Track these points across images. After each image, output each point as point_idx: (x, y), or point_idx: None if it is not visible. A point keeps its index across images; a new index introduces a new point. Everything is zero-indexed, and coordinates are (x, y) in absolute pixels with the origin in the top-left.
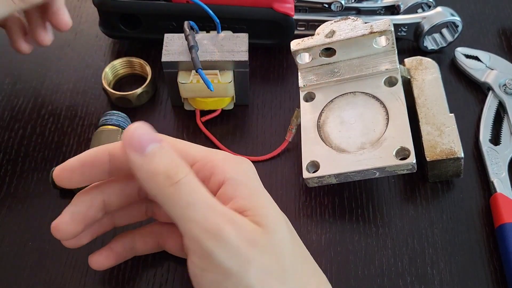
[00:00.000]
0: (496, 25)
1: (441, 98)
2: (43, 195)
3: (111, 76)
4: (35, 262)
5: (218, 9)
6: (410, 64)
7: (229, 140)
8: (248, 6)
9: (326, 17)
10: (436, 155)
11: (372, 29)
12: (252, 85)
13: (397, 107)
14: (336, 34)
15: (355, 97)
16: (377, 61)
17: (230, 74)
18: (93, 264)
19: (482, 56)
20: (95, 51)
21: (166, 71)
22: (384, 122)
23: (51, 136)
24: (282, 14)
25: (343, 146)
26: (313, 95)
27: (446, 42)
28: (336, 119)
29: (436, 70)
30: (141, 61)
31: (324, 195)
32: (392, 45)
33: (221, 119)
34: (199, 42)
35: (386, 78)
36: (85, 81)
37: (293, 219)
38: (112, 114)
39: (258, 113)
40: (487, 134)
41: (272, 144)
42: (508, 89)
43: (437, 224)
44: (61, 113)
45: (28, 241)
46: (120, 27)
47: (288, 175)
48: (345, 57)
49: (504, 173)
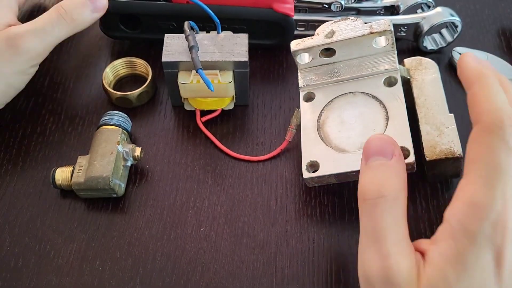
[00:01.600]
0: (496, 25)
1: (440, 98)
2: (43, 195)
3: (111, 76)
4: (35, 262)
5: (218, 9)
6: (410, 64)
7: (229, 140)
8: (248, 6)
9: (326, 18)
10: (435, 155)
11: (372, 29)
12: (252, 85)
13: (397, 107)
14: (336, 34)
15: (355, 97)
16: (377, 61)
17: (230, 74)
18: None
19: (480, 56)
20: (95, 51)
21: (166, 71)
22: (384, 122)
23: (52, 136)
24: (282, 15)
25: (343, 146)
26: (313, 95)
27: (445, 42)
28: (336, 119)
29: (435, 70)
30: (141, 61)
31: (324, 195)
32: (391, 45)
33: (221, 119)
34: (199, 42)
35: (386, 78)
36: (86, 81)
37: (293, 219)
38: (112, 114)
39: (258, 113)
40: None
41: (272, 144)
42: None
43: (436, 224)
44: (62, 112)
45: (28, 241)
46: (120, 27)
47: (288, 175)
48: (345, 57)
49: None
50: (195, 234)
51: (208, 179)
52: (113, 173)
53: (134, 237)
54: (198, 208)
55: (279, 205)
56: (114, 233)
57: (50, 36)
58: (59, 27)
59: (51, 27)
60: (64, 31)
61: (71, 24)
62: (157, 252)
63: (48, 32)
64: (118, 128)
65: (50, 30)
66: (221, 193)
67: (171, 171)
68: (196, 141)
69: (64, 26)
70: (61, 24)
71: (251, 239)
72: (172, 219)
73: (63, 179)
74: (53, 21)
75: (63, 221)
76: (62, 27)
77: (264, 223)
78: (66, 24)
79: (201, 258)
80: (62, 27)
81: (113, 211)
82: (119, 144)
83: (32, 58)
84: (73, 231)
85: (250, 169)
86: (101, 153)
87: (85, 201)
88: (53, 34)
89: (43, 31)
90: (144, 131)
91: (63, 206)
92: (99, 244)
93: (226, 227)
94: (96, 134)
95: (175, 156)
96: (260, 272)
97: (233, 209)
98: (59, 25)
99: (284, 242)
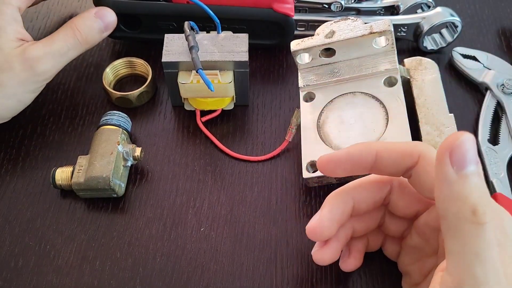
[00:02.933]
0: (496, 25)
1: (440, 98)
2: (43, 195)
3: (111, 76)
4: (35, 262)
5: (218, 9)
6: (410, 64)
7: (229, 140)
8: (248, 6)
9: (326, 18)
10: None
11: (372, 29)
12: (252, 85)
13: (397, 107)
14: (336, 34)
15: (355, 97)
16: (377, 61)
17: (230, 74)
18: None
19: (480, 56)
20: (95, 51)
21: (167, 71)
22: (384, 122)
23: (52, 136)
24: (282, 15)
25: (343, 146)
26: (313, 95)
27: (445, 42)
28: (336, 119)
29: (435, 70)
30: (141, 61)
31: (324, 195)
32: (391, 45)
33: (221, 119)
34: (199, 43)
35: (386, 78)
36: (86, 81)
37: (293, 219)
38: (113, 114)
39: (258, 113)
40: (485, 134)
41: (272, 144)
42: (506, 89)
43: None
44: (62, 112)
45: (28, 241)
46: (120, 27)
47: (288, 175)
48: (345, 57)
49: (503, 173)
50: (195, 234)
51: (208, 179)
52: (113, 173)
53: (134, 237)
54: (198, 208)
55: (279, 205)
56: (114, 233)
57: (65, 58)
58: (74, 50)
59: (67, 49)
60: (77, 52)
61: (84, 46)
62: (157, 252)
63: (64, 55)
64: (118, 128)
65: (65, 52)
66: (221, 193)
67: (171, 171)
68: (196, 141)
69: (78, 48)
70: (76, 47)
71: (251, 239)
72: (172, 219)
73: (63, 179)
74: (69, 44)
75: (63, 221)
76: (76, 49)
77: (264, 223)
78: (80, 46)
79: (201, 258)
80: (76, 49)
81: (113, 211)
82: (119, 144)
83: (46, 79)
84: (73, 231)
85: (250, 169)
86: (101, 153)
87: (85, 201)
88: (68, 56)
89: (59, 54)
90: (144, 131)
91: (63, 206)
92: (99, 244)
93: (226, 227)
94: (96, 134)
95: (175, 156)
96: (260, 272)
97: (233, 209)
98: (74, 48)
99: (284, 242)
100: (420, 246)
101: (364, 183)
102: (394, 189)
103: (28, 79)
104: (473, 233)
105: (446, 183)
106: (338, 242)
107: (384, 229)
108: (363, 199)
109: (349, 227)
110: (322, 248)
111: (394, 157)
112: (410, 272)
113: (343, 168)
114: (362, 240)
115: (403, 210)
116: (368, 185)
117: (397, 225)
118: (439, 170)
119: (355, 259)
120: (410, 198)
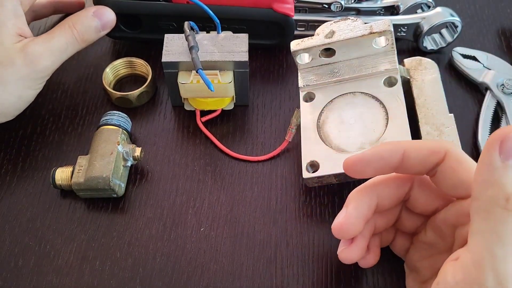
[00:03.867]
0: (496, 25)
1: (440, 98)
2: (43, 195)
3: (111, 76)
4: (35, 262)
5: (218, 9)
6: (410, 64)
7: (229, 140)
8: (248, 6)
9: (326, 18)
10: None
11: (372, 29)
12: (252, 85)
13: (397, 107)
14: (335, 34)
15: (355, 97)
16: (377, 61)
17: (230, 74)
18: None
19: (480, 56)
20: (95, 51)
21: (166, 71)
22: (384, 122)
23: (52, 136)
24: (282, 15)
25: (343, 146)
26: (313, 95)
27: (445, 42)
28: (336, 119)
29: (435, 70)
30: (141, 61)
31: (324, 195)
32: (391, 45)
33: (221, 119)
34: (199, 43)
35: (386, 78)
36: (86, 81)
37: (293, 219)
38: (112, 114)
39: (258, 113)
40: (485, 134)
41: (272, 144)
42: (506, 89)
43: None
44: (62, 112)
45: (28, 241)
46: (120, 27)
47: (288, 175)
48: (344, 57)
49: None
50: (195, 234)
51: (208, 179)
52: (113, 173)
53: (134, 237)
54: (198, 208)
55: (279, 205)
56: (114, 233)
57: (65, 54)
58: (72, 47)
59: (65, 46)
60: (75, 50)
61: (82, 44)
62: (157, 252)
63: (63, 52)
64: (118, 128)
65: (64, 49)
66: (221, 193)
67: (171, 171)
68: (196, 141)
69: (76, 46)
70: (74, 44)
71: (251, 239)
72: (172, 219)
73: (63, 179)
74: (68, 41)
75: (63, 221)
76: (74, 46)
77: (264, 223)
78: (78, 44)
79: (201, 258)
80: (74, 47)
81: (113, 211)
82: (119, 144)
83: (46, 75)
84: (73, 231)
85: (250, 169)
86: (101, 153)
87: (85, 201)
88: (66, 53)
89: (59, 51)
90: (144, 131)
91: (63, 206)
92: (99, 244)
93: (226, 227)
94: (96, 134)
95: (175, 156)
96: (260, 272)
97: (233, 209)
98: (72, 45)
99: (284, 242)
100: (434, 242)
101: (387, 179)
102: (415, 186)
103: (29, 75)
104: (501, 218)
105: (489, 167)
106: (364, 239)
107: (399, 225)
108: (386, 196)
109: (372, 224)
110: (349, 247)
111: (422, 155)
112: (419, 269)
113: (372, 168)
114: (378, 235)
115: (423, 206)
116: (391, 182)
117: (413, 221)
118: (486, 154)
119: (374, 254)
120: (430, 195)
